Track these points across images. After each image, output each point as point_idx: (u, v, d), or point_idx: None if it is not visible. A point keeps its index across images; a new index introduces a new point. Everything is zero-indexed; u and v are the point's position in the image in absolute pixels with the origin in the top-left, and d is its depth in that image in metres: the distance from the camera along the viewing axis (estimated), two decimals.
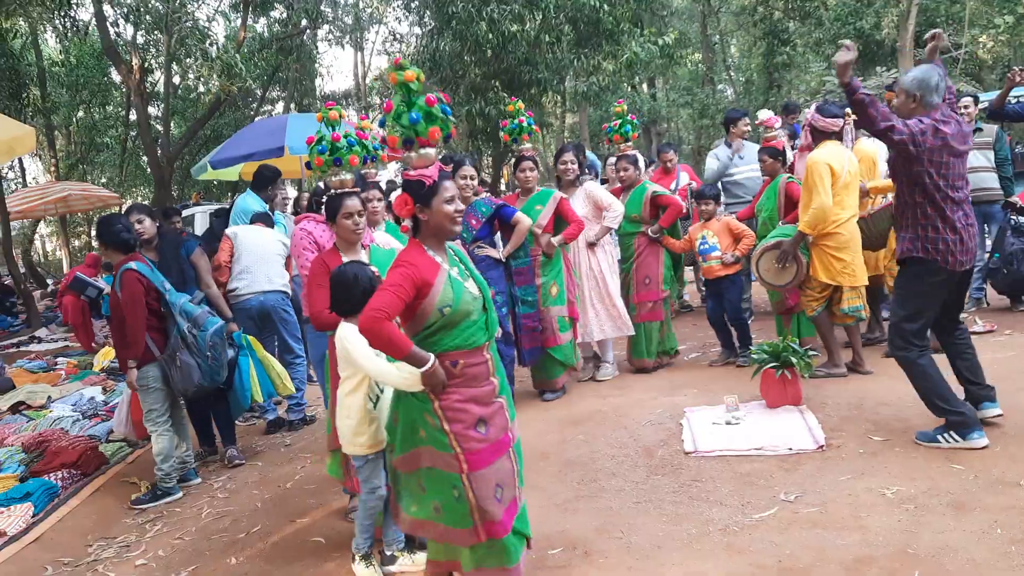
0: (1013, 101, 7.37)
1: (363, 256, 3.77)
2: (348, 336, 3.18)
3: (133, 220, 5.30)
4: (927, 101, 4.04)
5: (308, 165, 4.20)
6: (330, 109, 4.07)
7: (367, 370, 3.12)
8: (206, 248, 7.49)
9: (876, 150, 6.10)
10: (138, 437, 5.56)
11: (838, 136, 5.32)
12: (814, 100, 17.28)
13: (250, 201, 6.76)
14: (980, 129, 6.92)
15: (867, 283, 5.47)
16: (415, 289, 2.77)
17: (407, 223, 2.95)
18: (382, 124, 3.31)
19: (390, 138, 3.07)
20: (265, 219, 6.52)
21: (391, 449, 3.09)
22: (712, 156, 7.99)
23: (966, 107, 6.92)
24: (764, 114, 6.51)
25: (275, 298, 6.07)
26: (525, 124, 5.99)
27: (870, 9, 17.85)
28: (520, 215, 5.66)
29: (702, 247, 6.18)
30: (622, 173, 6.42)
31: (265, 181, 6.87)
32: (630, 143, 6.45)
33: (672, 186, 8.13)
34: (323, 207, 3.75)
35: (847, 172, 5.22)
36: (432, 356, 2.79)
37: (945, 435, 4.02)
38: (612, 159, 6.63)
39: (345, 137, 3.92)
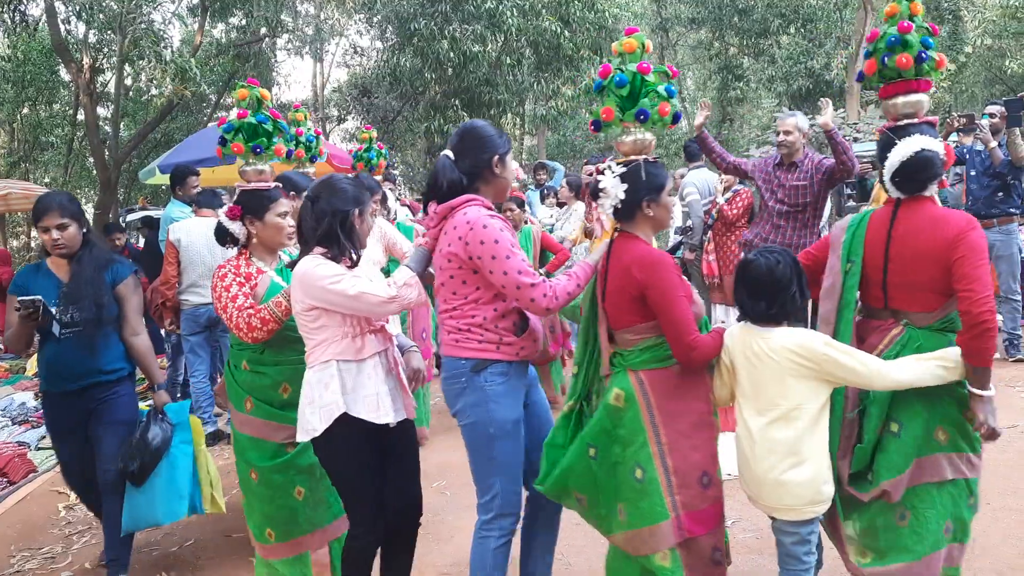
0: (953, 146, 7.66)
1: None
2: (830, 343, 2.41)
3: (51, 225, 3.37)
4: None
5: (224, 156, 3.35)
6: (252, 87, 3.41)
7: (902, 380, 2.36)
8: (146, 268, 6.55)
9: None
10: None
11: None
12: (765, 134, 17.73)
13: (174, 210, 6.35)
14: None
15: None
16: None
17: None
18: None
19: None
20: (212, 201, 6.01)
21: (869, 477, 2.51)
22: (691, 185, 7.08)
23: None
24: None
25: None
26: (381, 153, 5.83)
27: (821, 50, 18.45)
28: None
29: None
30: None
31: (176, 180, 6.44)
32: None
33: None
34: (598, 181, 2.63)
35: None
36: None
37: None
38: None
39: (263, 120, 3.30)
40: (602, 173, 2.59)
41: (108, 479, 3.53)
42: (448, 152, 2.75)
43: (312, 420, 2.74)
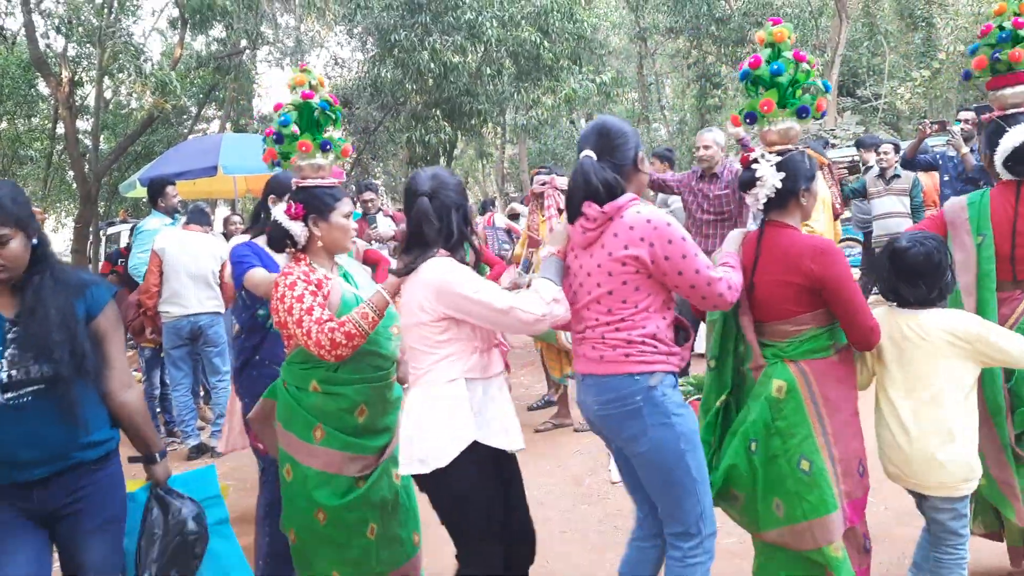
0: (931, 151, 7.79)
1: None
2: (984, 323, 2.54)
3: None
4: None
5: (282, 159, 2.83)
6: (308, 71, 2.88)
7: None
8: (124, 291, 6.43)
9: None
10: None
11: None
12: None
13: (152, 222, 6.29)
14: (898, 176, 7.25)
15: None
16: None
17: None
18: None
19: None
20: (201, 218, 6.00)
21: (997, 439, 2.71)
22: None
23: (886, 153, 7.27)
24: None
25: (207, 319, 5.80)
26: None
27: None
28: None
29: None
30: None
31: (155, 192, 6.34)
32: None
33: None
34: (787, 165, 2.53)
35: None
36: None
37: None
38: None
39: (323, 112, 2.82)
40: (755, 162, 2.58)
41: None
42: (589, 152, 2.46)
43: (433, 450, 2.38)
